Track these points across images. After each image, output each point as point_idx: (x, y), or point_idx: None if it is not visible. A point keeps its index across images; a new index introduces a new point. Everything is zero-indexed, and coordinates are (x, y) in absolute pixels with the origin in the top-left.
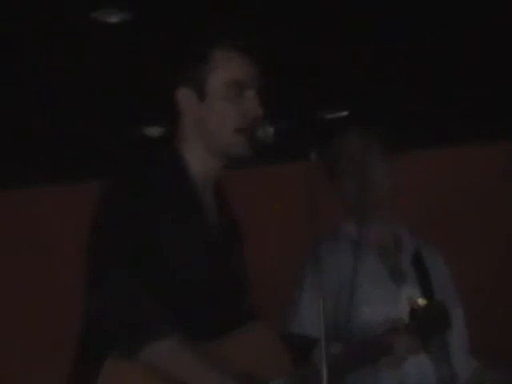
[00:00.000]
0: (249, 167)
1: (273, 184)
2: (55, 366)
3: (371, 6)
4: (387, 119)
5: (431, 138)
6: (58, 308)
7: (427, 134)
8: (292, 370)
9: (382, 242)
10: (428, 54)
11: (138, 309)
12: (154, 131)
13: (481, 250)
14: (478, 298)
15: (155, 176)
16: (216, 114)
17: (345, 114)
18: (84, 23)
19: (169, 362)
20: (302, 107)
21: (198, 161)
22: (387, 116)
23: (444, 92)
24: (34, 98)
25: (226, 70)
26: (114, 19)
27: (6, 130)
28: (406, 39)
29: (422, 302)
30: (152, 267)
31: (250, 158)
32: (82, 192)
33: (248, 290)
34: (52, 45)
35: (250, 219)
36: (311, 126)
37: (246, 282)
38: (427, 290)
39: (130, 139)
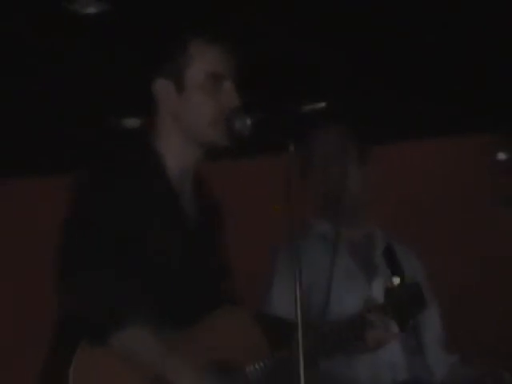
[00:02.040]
0: (228, 160)
1: (252, 176)
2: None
3: None
4: (364, 112)
5: (409, 131)
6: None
7: (405, 126)
8: (269, 354)
9: (353, 240)
10: (405, 44)
11: (108, 297)
12: (132, 122)
13: (459, 243)
14: (458, 294)
15: (129, 168)
16: (194, 105)
17: (322, 105)
18: (61, 14)
19: (137, 349)
20: (280, 99)
21: (175, 152)
22: (363, 109)
23: (423, 84)
24: (11, 89)
25: (204, 61)
26: (90, 10)
27: None
28: (385, 29)
29: (395, 281)
30: (126, 256)
31: (229, 151)
32: (61, 184)
33: (226, 275)
34: (29, 36)
35: (229, 211)
36: (289, 117)
37: (225, 268)
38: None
39: (109, 130)
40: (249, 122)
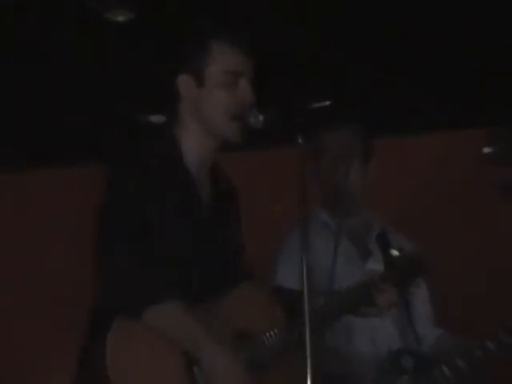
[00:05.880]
0: (242, 151)
1: (264, 166)
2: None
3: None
4: (366, 109)
5: (406, 126)
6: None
7: (402, 121)
8: (283, 321)
9: (353, 227)
10: (404, 43)
11: (140, 277)
12: (157, 118)
13: (454, 234)
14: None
15: (152, 161)
16: (213, 99)
17: (327, 103)
18: (96, 21)
19: (167, 322)
20: (290, 97)
21: (195, 142)
22: (366, 106)
23: (419, 79)
24: (50, 86)
25: (224, 61)
26: (120, 18)
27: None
28: (385, 27)
29: (395, 253)
30: (152, 241)
31: (242, 142)
32: (91, 175)
33: (242, 254)
34: (68, 40)
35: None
36: (298, 113)
37: (242, 247)
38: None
39: (137, 125)
40: (261, 117)
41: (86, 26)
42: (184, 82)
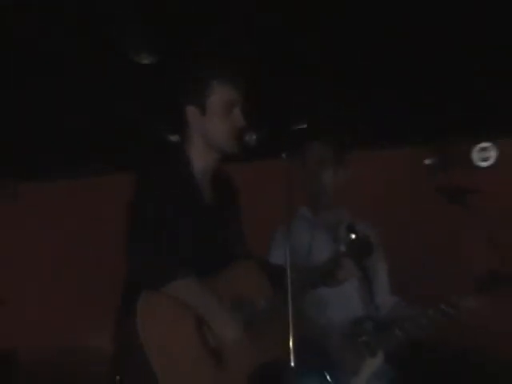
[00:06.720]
0: (238, 163)
1: (255, 176)
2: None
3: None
4: (335, 129)
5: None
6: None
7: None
8: (271, 291)
9: (328, 219)
10: (360, 61)
11: (162, 260)
12: (174, 138)
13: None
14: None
15: (168, 170)
16: (213, 124)
17: (304, 126)
18: (128, 63)
19: (183, 292)
20: (277, 121)
21: (200, 156)
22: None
23: (370, 97)
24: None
25: (221, 94)
26: (145, 61)
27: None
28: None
29: (351, 236)
30: (167, 231)
31: (238, 156)
32: (122, 182)
33: (241, 237)
34: (105, 77)
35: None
36: (283, 134)
37: (239, 232)
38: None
39: (160, 142)
40: (254, 136)
41: (116, 65)
42: (191, 112)
